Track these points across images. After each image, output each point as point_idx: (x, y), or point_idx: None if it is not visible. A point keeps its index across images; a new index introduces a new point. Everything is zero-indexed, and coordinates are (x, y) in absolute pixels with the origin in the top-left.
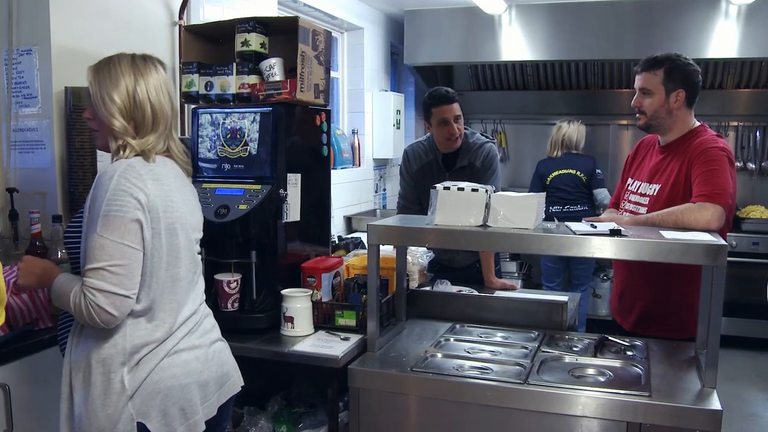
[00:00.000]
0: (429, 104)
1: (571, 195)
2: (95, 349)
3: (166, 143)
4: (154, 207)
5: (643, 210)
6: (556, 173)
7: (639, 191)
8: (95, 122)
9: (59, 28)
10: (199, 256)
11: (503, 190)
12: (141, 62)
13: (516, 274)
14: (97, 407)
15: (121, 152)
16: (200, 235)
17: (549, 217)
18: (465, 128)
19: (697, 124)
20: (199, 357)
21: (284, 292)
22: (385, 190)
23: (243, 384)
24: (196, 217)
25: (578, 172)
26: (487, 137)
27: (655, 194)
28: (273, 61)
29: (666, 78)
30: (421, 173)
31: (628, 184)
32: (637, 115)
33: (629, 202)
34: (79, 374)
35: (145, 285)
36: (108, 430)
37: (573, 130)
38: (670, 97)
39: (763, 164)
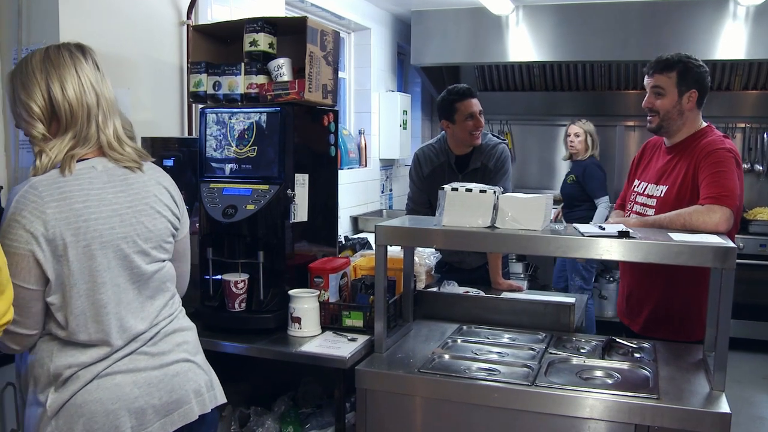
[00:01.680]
0: (453, 100)
1: None
2: (29, 368)
3: (96, 138)
4: (57, 235)
5: (650, 212)
6: None
7: (646, 193)
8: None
9: (68, 28)
10: (157, 266)
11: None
12: (54, 55)
13: (522, 276)
14: (29, 424)
15: (37, 161)
16: (152, 244)
17: None
18: None
19: (704, 124)
20: (137, 381)
21: (291, 292)
22: (391, 190)
23: (208, 411)
24: (145, 225)
25: None
26: (499, 138)
27: (662, 195)
28: (281, 61)
29: (679, 80)
30: (433, 176)
31: (635, 186)
32: (649, 117)
33: (636, 203)
34: (23, 391)
35: (63, 313)
36: None
37: None
38: (683, 98)
39: None
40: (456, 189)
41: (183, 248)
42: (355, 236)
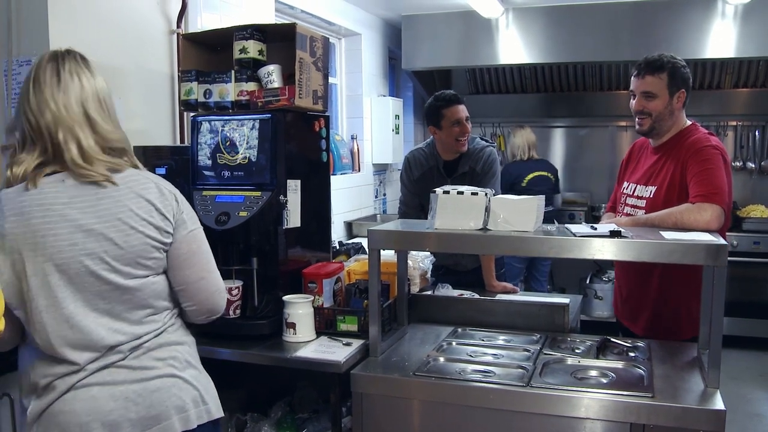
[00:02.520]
0: (440, 106)
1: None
2: (20, 375)
3: (62, 156)
4: (15, 249)
5: (640, 213)
6: (532, 175)
7: (635, 194)
8: None
9: (58, 39)
10: (136, 282)
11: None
12: (31, 71)
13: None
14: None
15: (8, 172)
16: (123, 261)
17: None
18: None
19: (688, 123)
20: (114, 394)
21: (286, 298)
22: (385, 195)
23: (193, 427)
24: (114, 241)
25: (549, 174)
26: (486, 141)
27: (651, 196)
28: (271, 67)
29: (670, 81)
30: (423, 180)
31: (624, 188)
32: (639, 120)
33: (627, 205)
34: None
35: (28, 327)
36: None
37: (531, 134)
38: (673, 99)
39: (762, 163)
40: (447, 192)
41: (180, 254)
42: (350, 241)
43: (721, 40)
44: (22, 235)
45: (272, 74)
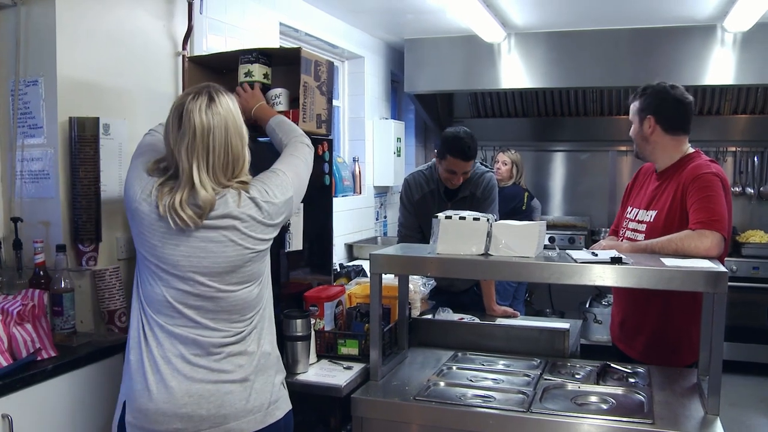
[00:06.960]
0: (447, 149)
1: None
2: None
3: None
4: None
5: (640, 237)
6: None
7: (637, 218)
8: None
9: (65, 60)
10: (227, 288)
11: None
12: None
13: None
14: None
15: None
16: (218, 270)
17: None
18: None
19: (692, 150)
20: (190, 391)
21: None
22: (386, 217)
23: (267, 425)
24: (214, 252)
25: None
26: (486, 167)
27: (651, 221)
28: (279, 91)
29: (639, 107)
30: (423, 202)
31: (627, 212)
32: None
33: (628, 229)
34: None
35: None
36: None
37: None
38: (643, 125)
39: (761, 189)
40: (450, 217)
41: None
42: (350, 263)
43: (720, 67)
44: None
45: (280, 96)
